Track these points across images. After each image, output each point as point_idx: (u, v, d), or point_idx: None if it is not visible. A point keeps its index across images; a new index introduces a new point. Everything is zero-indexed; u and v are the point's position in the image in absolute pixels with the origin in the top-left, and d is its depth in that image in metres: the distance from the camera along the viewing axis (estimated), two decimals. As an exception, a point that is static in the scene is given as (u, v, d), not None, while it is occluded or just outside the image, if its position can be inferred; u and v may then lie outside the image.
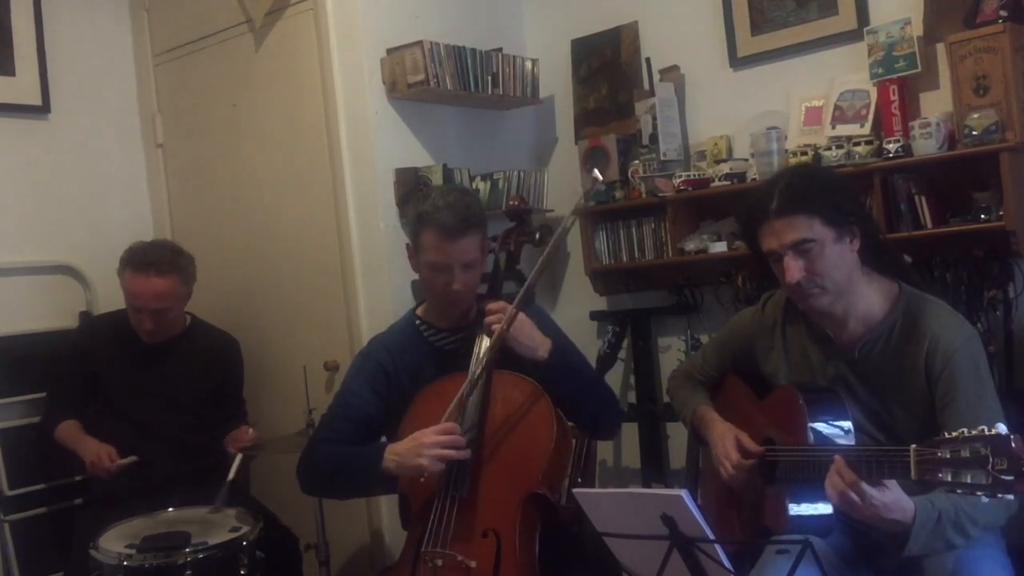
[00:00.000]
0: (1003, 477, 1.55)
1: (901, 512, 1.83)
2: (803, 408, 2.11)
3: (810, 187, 2.11)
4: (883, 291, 2.16)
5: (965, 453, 1.61)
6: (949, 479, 1.63)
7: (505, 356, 2.40)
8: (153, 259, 3.08)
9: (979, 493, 1.59)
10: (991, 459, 1.56)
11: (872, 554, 2.15)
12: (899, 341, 2.11)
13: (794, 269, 2.07)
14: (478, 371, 2.34)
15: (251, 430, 3.15)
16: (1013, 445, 1.56)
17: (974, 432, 1.61)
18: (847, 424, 2.11)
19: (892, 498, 1.81)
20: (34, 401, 3.38)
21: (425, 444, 2.26)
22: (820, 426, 2.10)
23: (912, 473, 1.71)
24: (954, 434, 1.64)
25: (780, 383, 2.29)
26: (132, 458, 3.02)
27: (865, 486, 1.79)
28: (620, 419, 2.66)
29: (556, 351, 2.43)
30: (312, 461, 2.49)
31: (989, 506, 1.78)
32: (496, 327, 2.35)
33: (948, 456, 1.63)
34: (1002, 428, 1.59)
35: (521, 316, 2.40)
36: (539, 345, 2.42)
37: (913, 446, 1.71)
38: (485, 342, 2.38)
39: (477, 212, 2.46)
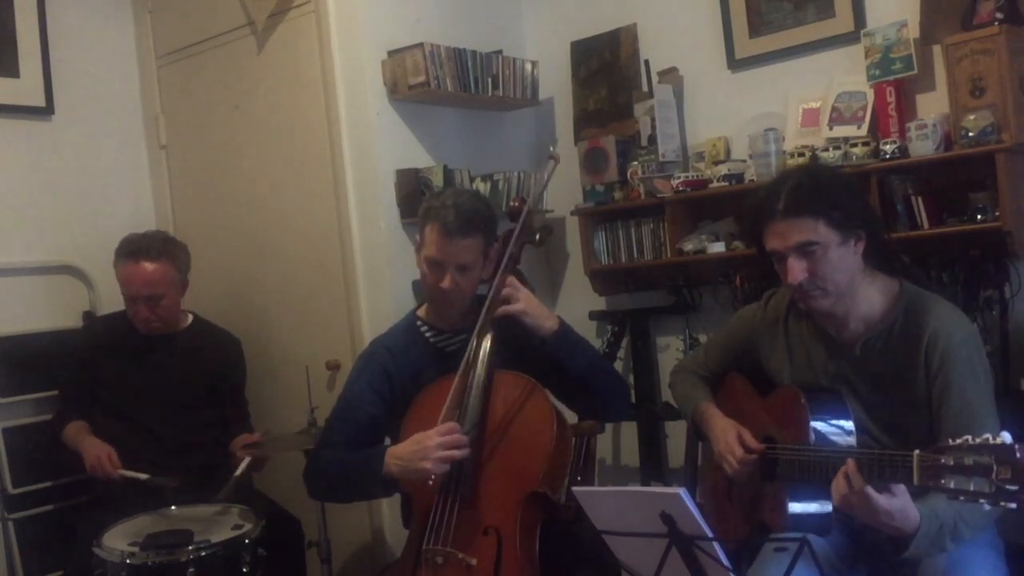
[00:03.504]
0: (1007, 487, 1.54)
1: (905, 521, 1.82)
2: (805, 408, 2.13)
3: (817, 189, 2.10)
4: (884, 289, 2.17)
5: (969, 461, 1.60)
6: (952, 486, 1.62)
7: (510, 341, 2.42)
8: (143, 246, 3.10)
9: (982, 501, 1.58)
10: (995, 468, 1.56)
11: (870, 553, 2.16)
12: (900, 338, 2.12)
13: (796, 270, 2.08)
14: (477, 353, 2.36)
15: (257, 435, 3.16)
16: (1018, 455, 1.55)
17: (978, 440, 1.60)
18: (849, 425, 2.12)
19: (899, 506, 1.80)
20: (38, 400, 3.40)
21: (428, 448, 2.27)
22: (822, 426, 2.11)
23: (915, 478, 1.71)
24: (958, 441, 1.63)
25: (784, 381, 2.30)
26: (144, 475, 2.95)
27: (871, 492, 1.78)
28: (629, 400, 2.66)
29: (564, 324, 2.46)
30: (317, 468, 2.51)
31: (984, 510, 1.79)
32: (490, 304, 2.38)
33: (952, 463, 1.62)
34: (1007, 437, 1.58)
35: (526, 291, 2.44)
36: (547, 317, 2.45)
37: (916, 451, 1.70)
38: (486, 343, 2.40)
39: (483, 217, 2.46)
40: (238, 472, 2.89)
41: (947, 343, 2.04)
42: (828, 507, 2.06)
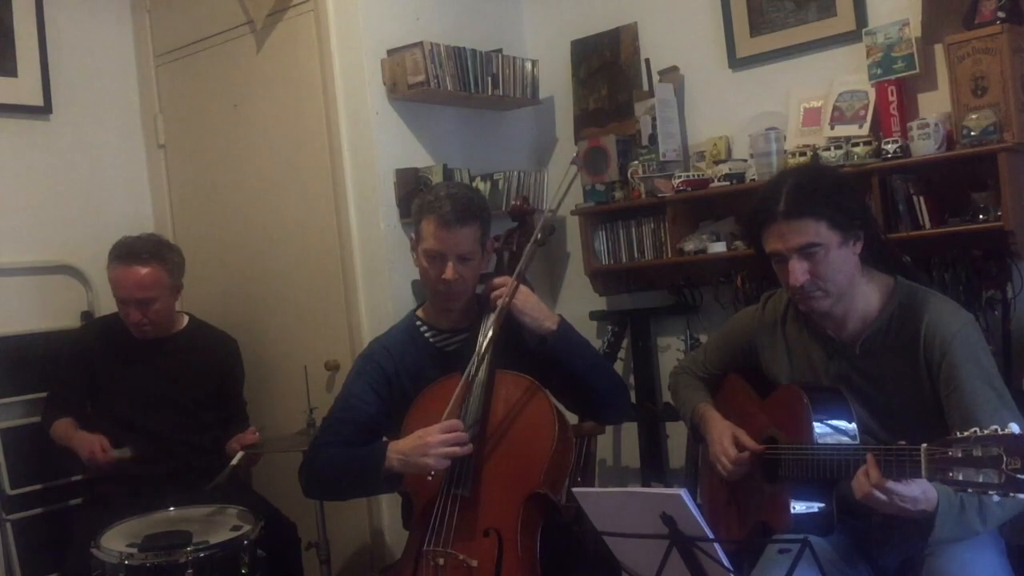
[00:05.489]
0: (1017, 476, 1.55)
1: (928, 503, 1.84)
2: (807, 407, 2.12)
3: (818, 190, 2.09)
4: (880, 287, 2.17)
5: (977, 452, 1.61)
6: (961, 478, 1.63)
7: (510, 341, 2.41)
8: (136, 250, 3.09)
9: (991, 492, 1.59)
10: (1004, 458, 1.56)
11: (872, 553, 2.16)
12: (897, 333, 2.12)
13: (798, 272, 2.07)
14: (483, 352, 2.34)
15: (256, 432, 3.15)
16: None
17: (987, 432, 1.61)
18: (851, 424, 2.11)
19: (920, 490, 1.82)
20: (35, 401, 3.38)
21: (430, 443, 2.26)
22: (824, 425, 2.10)
23: (923, 472, 1.72)
24: (966, 433, 1.64)
25: (783, 382, 2.29)
26: (126, 450, 3.00)
27: (891, 484, 1.79)
28: (629, 402, 2.66)
29: (564, 324, 2.45)
30: (314, 465, 2.49)
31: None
32: (501, 301, 2.37)
33: (960, 455, 1.63)
34: (1015, 428, 1.59)
35: (526, 290, 2.43)
36: (547, 317, 2.44)
37: (924, 445, 1.71)
38: (488, 343, 2.39)
39: (478, 206, 2.47)
40: (233, 461, 2.88)
41: (945, 333, 2.05)
42: (830, 507, 2.06)
